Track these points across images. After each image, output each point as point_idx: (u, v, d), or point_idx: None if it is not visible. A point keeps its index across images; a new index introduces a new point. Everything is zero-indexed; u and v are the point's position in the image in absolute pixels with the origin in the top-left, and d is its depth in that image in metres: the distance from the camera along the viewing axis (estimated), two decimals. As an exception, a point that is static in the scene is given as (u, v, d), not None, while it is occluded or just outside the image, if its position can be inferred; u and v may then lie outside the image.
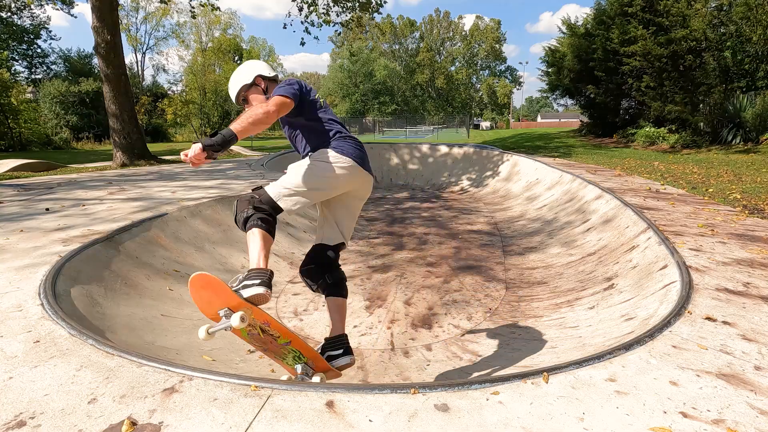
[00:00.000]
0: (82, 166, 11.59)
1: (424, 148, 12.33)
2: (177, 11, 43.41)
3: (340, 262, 2.25)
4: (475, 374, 2.38)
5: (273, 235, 1.98)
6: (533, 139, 20.34)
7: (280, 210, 2.00)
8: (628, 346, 1.87)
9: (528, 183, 8.34)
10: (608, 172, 7.73)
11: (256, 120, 1.82)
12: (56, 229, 3.56)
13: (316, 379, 1.97)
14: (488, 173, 10.17)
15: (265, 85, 2.24)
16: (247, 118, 1.81)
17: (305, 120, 2.15)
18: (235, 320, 1.71)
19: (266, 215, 1.95)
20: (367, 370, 2.53)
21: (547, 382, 1.62)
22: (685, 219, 4.15)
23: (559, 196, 6.74)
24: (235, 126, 1.79)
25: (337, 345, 2.14)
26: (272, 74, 2.28)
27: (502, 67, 72.20)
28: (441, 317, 3.30)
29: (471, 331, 3.05)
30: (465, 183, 10.27)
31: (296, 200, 2.00)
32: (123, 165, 10.42)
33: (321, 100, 2.20)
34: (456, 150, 11.74)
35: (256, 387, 1.58)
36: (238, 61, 50.30)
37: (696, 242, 3.36)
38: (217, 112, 44.74)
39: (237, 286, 1.82)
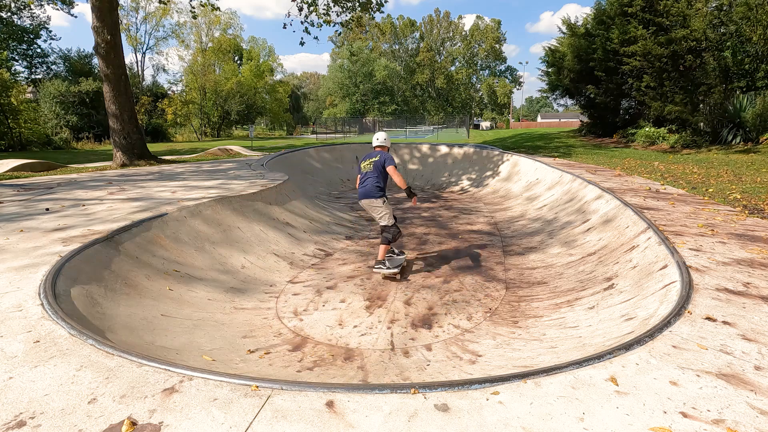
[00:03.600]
0: (82, 166, 11.57)
1: (424, 148, 12.33)
2: (177, 11, 43.41)
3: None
4: (475, 374, 2.38)
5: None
6: (533, 139, 20.32)
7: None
8: (628, 346, 1.87)
9: (528, 183, 8.34)
10: (608, 172, 7.73)
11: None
12: (56, 229, 3.56)
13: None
14: (488, 173, 10.17)
15: None
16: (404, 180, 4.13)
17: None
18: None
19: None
20: (367, 370, 2.53)
21: (547, 383, 1.62)
22: (685, 219, 4.15)
23: (559, 196, 6.73)
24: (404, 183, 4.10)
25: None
26: None
27: (502, 67, 72.22)
28: (441, 317, 3.30)
29: (471, 331, 3.05)
30: (465, 183, 10.27)
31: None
32: (123, 165, 10.41)
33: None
34: (456, 150, 11.74)
35: (256, 387, 1.58)
36: (238, 61, 50.34)
37: (696, 242, 3.36)
38: (217, 112, 44.75)
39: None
